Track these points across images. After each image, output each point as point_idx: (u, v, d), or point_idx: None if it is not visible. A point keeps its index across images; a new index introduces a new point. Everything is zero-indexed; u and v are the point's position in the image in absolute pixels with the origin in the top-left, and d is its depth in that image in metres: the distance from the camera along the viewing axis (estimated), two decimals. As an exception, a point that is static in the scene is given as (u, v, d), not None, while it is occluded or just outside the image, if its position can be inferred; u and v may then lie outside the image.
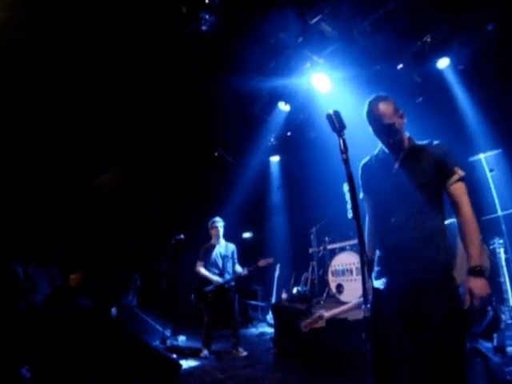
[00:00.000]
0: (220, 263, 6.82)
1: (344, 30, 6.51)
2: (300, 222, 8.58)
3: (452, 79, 6.81)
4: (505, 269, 5.05)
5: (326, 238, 7.51)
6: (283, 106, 7.96)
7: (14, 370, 4.08)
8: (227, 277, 6.67)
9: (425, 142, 2.71)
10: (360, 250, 2.12)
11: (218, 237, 6.97)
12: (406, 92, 7.08)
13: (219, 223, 7.00)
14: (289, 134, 8.72)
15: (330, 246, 7.40)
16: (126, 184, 8.97)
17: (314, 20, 6.31)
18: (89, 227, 8.42)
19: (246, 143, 8.74)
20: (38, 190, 7.92)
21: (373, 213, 2.89)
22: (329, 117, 2.26)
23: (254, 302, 9.56)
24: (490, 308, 4.84)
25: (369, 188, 2.87)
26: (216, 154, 9.03)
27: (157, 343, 7.14)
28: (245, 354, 6.39)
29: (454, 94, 6.84)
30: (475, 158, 6.15)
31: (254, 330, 8.47)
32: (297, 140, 8.83)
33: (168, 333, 7.66)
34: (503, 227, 5.68)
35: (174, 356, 6.15)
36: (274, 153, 9.37)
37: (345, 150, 2.16)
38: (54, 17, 5.86)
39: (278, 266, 8.94)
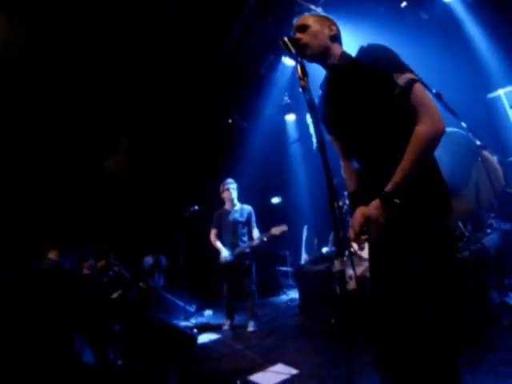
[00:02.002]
0: (234, 230, 6.25)
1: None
2: (320, 177, 8.05)
3: (462, 12, 6.18)
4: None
5: (345, 193, 7.00)
6: (289, 61, 7.40)
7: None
8: (241, 245, 6.15)
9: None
10: (328, 187, 1.88)
11: (230, 200, 6.37)
12: (412, 32, 6.44)
13: (231, 185, 6.39)
14: (301, 89, 8.10)
15: (348, 201, 6.91)
16: (136, 162, 8.76)
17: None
18: (102, 214, 8.26)
19: (259, 106, 8.33)
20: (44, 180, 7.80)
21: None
22: (283, 43, 2.02)
23: (283, 268, 9.21)
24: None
25: (326, 127, 2.38)
26: (230, 120, 8.62)
27: (179, 320, 7.02)
28: (252, 329, 5.92)
29: (464, 27, 6.22)
30: (493, 94, 5.64)
31: (284, 297, 8.18)
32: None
33: (192, 309, 7.52)
34: None
35: (195, 331, 6.04)
36: (289, 111, 8.82)
37: (303, 76, 1.90)
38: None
39: (305, 229, 8.54)
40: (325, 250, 6.98)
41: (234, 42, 7.19)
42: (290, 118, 9.10)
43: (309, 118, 2.06)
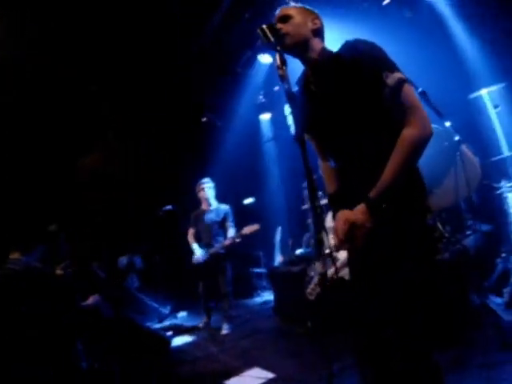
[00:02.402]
0: (209, 230, 6.17)
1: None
2: (295, 178, 8.01)
3: (445, 10, 6.15)
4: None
5: (320, 193, 6.94)
6: (265, 59, 7.28)
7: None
8: (215, 245, 6.06)
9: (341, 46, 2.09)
10: (308, 182, 1.78)
11: (206, 200, 6.28)
12: (396, 29, 6.39)
13: (206, 184, 6.29)
14: (276, 88, 8.13)
15: (323, 201, 6.86)
16: (111, 161, 8.58)
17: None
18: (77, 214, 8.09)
19: (233, 104, 8.22)
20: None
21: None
22: (261, 30, 1.91)
23: (257, 269, 9.13)
24: (499, 260, 4.42)
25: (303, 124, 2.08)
26: (204, 119, 8.50)
27: (153, 322, 6.92)
28: (226, 331, 5.83)
29: (447, 26, 6.18)
30: (476, 94, 5.61)
31: (258, 299, 8.11)
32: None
33: (167, 311, 7.42)
34: (510, 169, 5.10)
35: (169, 333, 5.96)
36: (264, 110, 8.77)
37: (281, 65, 1.80)
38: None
39: (278, 230, 8.49)
40: (299, 251, 6.94)
41: (208, 39, 7.07)
42: (265, 117, 9.05)
43: (287, 109, 2.01)
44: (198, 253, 6.10)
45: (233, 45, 7.11)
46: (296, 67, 2.22)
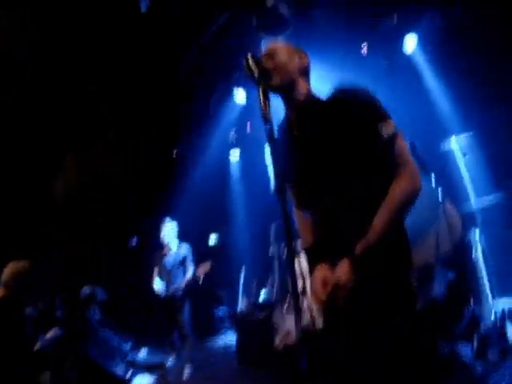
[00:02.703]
0: (170, 270, 6.11)
1: (304, 9, 6.10)
2: (262, 218, 7.99)
3: (420, 60, 6.43)
4: (481, 263, 4.66)
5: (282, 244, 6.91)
6: (240, 97, 7.35)
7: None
8: (173, 286, 6.00)
9: (331, 91, 2.00)
10: (286, 241, 1.62)
11: (168, 240, 6.23)
12: (371, 75, 6.58)
13: (169, 224, 6.27)
14: (248, 125, 8.16)
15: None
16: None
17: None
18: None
19: (205, 140, 8.18)
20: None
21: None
22: (246, 61, 1.77)
23: (220, 309, 8.93)
24: (468, 307, 4.44)
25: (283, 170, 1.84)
26: (174, 152, 8.43)
27: (113, 359, 6.61)
28: (186, 375, 5.65)
29: (422, 75, 6.45)
30: (447, 142, 5.86)
31: (221, 341, 7.90)
32: (258, 132, 7.89)
33: (128, 346, 7.14)
34: (478, 216, 5.27)
35: (129, 371, 5.74)
36: (235, 146, 8.78)
37: (264, 104, 1.68)
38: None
39: (243, 269, 8.41)
40: (263, 292, 6.94)
41: (183, 73, 7.08)
42: (235, 155, 9.03)
43: (268, 154, 1.92)
44: (159, 291, 6.04)
45: (209, 80, 7.14)
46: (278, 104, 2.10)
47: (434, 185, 4.28)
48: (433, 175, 4.20)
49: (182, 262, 6.13)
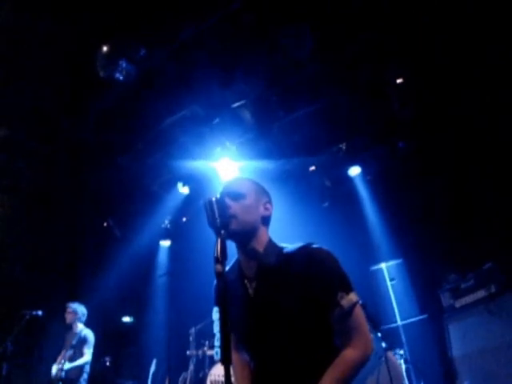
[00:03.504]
0: (65, 353, 6.07)
1: (264, 121, 6.30)
2: (182, 317, 7.66)
3: (361, 187, 6.92)
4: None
5: (207, 342, 6.65)
6: (182, 189, 7.40)
7: None
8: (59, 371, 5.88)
9: (294, 247, 1.88)
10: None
11: (70, 323, 6.33)
12: (314, 195, 7.09)
13: (72, 309, 6.36)
14: (184, 219, 8.06)
15: (209, 352, 6.55)
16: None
17: (237, 104, 5.99)
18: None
19: (139, 220, 7.97)
20: None
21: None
22: (209, 204, 1.62)
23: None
24: None
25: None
26: (105, 224, 8.07)
27: None
28: None
29: (361, 202, 6.94)
30: (377, 266, 6.20)
31: None
32: (192, 227, 7.92)
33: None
34: (403, 337, 5.62)
35: None
36: (166, 236, 8.51)
37: (221, 258, 1.48)
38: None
39: (154, 362, 7.84)
40: None
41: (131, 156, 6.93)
42: (165, 243, 8.81)
43: (215, 313, 1.74)
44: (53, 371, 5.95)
45: (156, 162, 7.03)
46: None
47: (380, 338, 4.45)
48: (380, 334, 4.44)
49: (79, 346, 6.14)
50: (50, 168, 6.99)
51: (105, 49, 4.56)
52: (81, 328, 6.28)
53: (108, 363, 6.33)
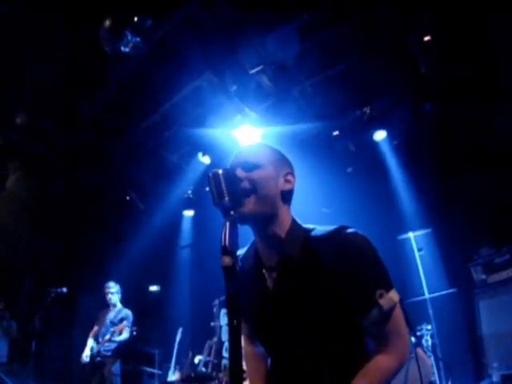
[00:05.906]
0: (105, 330, 6.28)
1: (284, 86, 6.06)
2: (206, 288, 7.68)
3: (387, 152, 6.59)
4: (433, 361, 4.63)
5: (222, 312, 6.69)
6: (202, 158, 7.20)
7: None
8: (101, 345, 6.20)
9: (323, 231, 1.56)
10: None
11: (110, 302, 6.55)
12: (338, 159, 6.85)
13: (111, 289, 6.57)
14: (207, 189, 7.77)
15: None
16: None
17: (255, 70, 5.73)
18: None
19: (161, 192, 7.94)
20: None
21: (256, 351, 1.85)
22: (214, 177, 1.38)
23: (149, 369, 8.32)
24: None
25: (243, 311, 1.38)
26: (128, 197, 8.05)
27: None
28: None
29: (387, 167, 6.61)
30: (404, 236, 5.99)
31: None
32: None
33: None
34: (430, 311, 5.39)
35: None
36: (189, 206, 8.45)
37: (230, 247, 1.19)
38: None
39: (180, 330, 7.98)
40: (198, 359, 6.64)
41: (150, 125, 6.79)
42: (188, 213, 8.78)
43: (223, 313, 1.56)
44: (86, 352, 6.15)
45: (174, 134, 6.88)
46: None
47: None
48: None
49: (119, 323, 6.29)
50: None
51: (107, 23, 4.35)
52: (120, 307, 6.54)
53: (135, 332, 6.48)
